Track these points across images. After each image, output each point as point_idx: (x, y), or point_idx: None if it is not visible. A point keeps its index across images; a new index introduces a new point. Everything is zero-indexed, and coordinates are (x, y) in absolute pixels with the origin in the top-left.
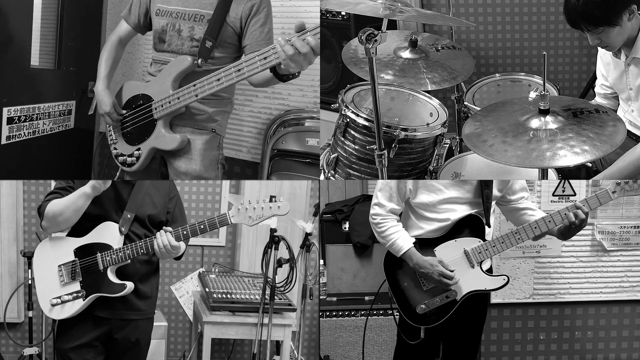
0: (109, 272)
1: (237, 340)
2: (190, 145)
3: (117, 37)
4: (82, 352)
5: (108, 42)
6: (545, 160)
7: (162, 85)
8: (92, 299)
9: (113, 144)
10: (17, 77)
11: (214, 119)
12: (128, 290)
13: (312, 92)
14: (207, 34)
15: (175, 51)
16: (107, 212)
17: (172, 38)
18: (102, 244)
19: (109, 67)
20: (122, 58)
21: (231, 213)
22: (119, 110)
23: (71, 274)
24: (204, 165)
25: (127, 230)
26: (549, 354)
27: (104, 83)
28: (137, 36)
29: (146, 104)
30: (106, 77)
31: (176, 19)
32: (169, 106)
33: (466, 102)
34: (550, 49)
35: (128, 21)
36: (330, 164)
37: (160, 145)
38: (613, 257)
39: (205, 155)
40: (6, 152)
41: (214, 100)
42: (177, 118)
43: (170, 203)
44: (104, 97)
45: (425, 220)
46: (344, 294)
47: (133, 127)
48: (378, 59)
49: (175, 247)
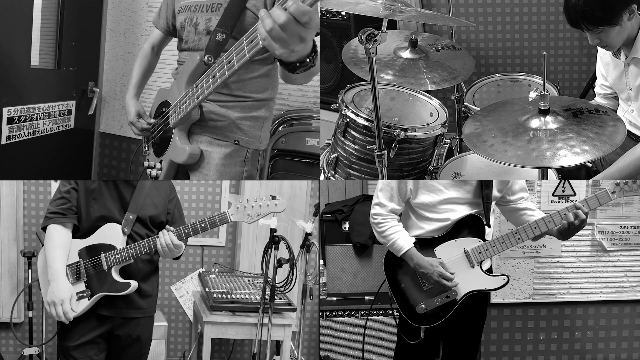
0: (113, 271)
1: (237, 340)
2: (204, 159)
3: (149, 44)
4: (85, 350)
5: (141, 51)
6: (545, 160)
7: (178, 89)
8: (97, 298)
9: (147, 156)
10: (17, 77)
11: (239, 127)
12: (132, 288)
13: (312, 92)
14: (220, 25)
15: (193, 48)
16: (110, 212)
17: (189, 34)
18: (106, 245)
19: (139, 76)
20: (122, 58)
21: (231, 211)
22: (147, 120)
23: (76, 274)
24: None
25: (129, 231)
26: (549, 354)
27: (132, 92)
28: (136, 36)
29: (166, 110)
30: (135, 85)
31: (194, 12)
32: (179, 112)
33: (466, 102)
34: (550, 49)
35: (158, 26)
36: (330, 164)
37: (174, 158)
38: (613, 257)
39: (224, 173)
40: (6, 152)
41: (242, 103)
42: (196, 126)
43: (170, 204)
44: (130, 106)
45: (425, 220)
46: (344, 294)
47: (158, 137)
48: (378, 59)
49: (177, 245)
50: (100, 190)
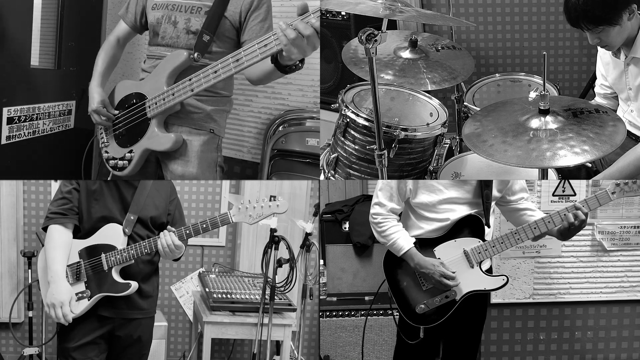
0: (113, 272)
1: (237, 340)
2: (186, 147)
3: (114, 36)
4: (86, 351)
5: (106, 41)
6: (545, 160)
7: (156, 81)
8: (97, 298)
9: (104, 147)
10: (17, 77)
11: (212, 118)
12: (133, 289)
13: (312, 92)
14: (205, 27)
15: (170, 44)
16: (111, 213)
17: (166, 30)
18: (107, 245)
19: (104, 65)
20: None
21: (232, 212)
22: (111, 110)
23: (76, 275)
24: (201, 168)
25: (130, 232)
26: (549, 354)
27: (97, 80)
28: (137, 36)
29: (139, 102)
30: (100, 74)
31: (172, 10)
32: (163, 103)
33: (466, 102)
34: (550, 49)
35: (125, 20)
36: (330, 164)
37: (154, 146)
38: (613, 257)
39: (203, 158)
40: (6, 152)
41: (213, 97)
42: (173, 117)
43: (171, 205)
44: (94, 94)
45: (425, 220)
46: (343, 294)
47: (125, 128)
48: (378, 59)
49: (178, 246)
50: (101, 191)
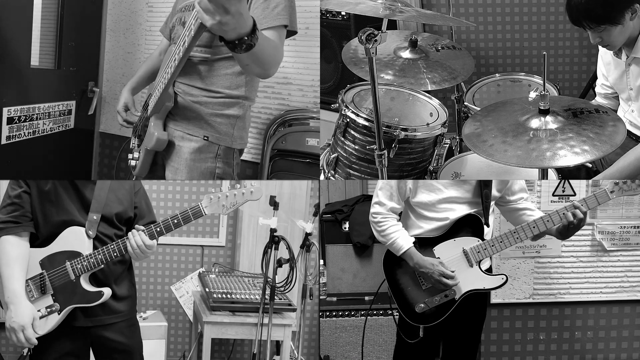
0: (82, 280)
1: (237, 340)
2: (177, 153)
3: (158, 50)
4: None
5: (152, 54)
6: (545, 160)
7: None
8: (68, 311)
9: (133, 149)
10: (17, 77)
11: (208, 122)
12: (106, 296)
13: (312, 92)
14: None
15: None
16: (71, 215)
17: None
18: (70, 252)
19: (141, 73)
20: (122, 58)
21: (204, 204)
22: (134, 112)
23: (41, 288)
24: (190, 178)
25: (95, 233)
26: (549, 354)
27: (129, 84)
28: (136, 36)
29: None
30: (135, 80)
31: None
32: (154, 100)
33: (466, 102)
34: (550, 49)
35: (164, 34)
36: (330, 164)
37: (145, 144)
38: (613, 257)
39: (194, 167)
40: (6, 152)
41: (213, 99)
42: (171, 118)
43: (137, 197)
44: (121, 96)
45: (424, 220)
46: (343, 294)
47: (142, 129)
48: (378, 59)
49: (149, 246)
50: (56, 191)
